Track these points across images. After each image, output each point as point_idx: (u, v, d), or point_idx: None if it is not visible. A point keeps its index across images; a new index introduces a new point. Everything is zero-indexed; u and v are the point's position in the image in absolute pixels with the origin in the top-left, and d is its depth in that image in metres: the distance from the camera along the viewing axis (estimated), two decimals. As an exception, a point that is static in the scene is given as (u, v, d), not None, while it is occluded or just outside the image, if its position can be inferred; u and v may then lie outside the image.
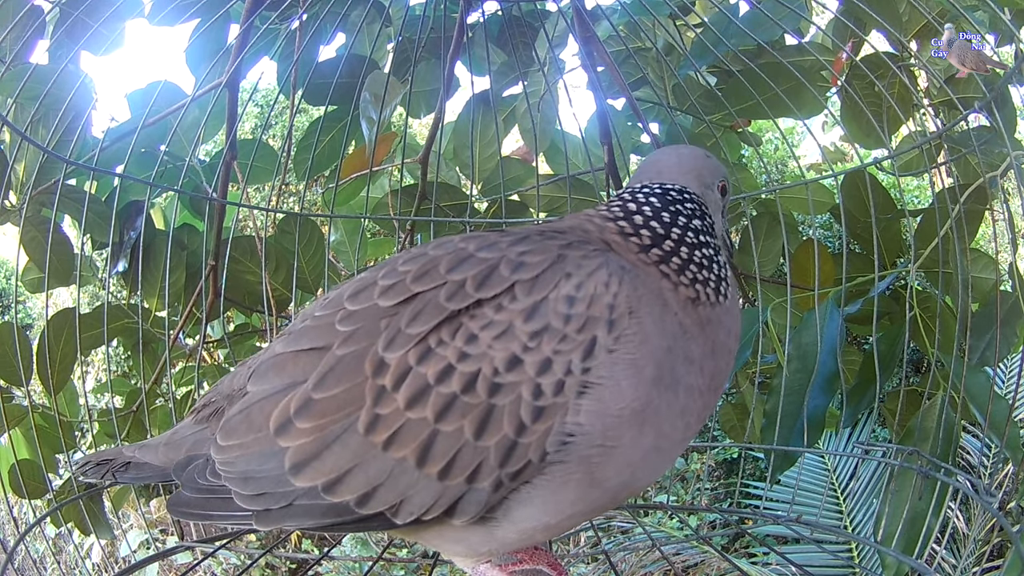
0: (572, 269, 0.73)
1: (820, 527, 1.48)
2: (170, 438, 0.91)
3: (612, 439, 0.71)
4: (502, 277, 0.74)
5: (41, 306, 2.25)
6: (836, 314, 1.42)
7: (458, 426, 0.71)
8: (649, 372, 0.71)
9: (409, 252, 0.82)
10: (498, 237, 0.79)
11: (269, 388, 0.79)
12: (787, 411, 1.41)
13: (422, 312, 0.74)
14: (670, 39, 1.78)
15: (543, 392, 0.70)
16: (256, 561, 1.83)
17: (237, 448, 0.79)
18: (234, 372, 0.91)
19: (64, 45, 1.53)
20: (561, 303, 0.71)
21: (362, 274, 0.84)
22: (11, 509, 1.70)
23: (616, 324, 0.71)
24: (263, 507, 0.77)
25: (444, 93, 1.75)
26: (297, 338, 0.80)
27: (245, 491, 0.78)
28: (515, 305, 0.72)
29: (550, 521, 0.75)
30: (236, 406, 0.82)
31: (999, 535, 3.34)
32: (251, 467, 0.78)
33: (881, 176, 1.80)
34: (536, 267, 0.74)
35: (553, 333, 0.71)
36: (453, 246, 0.79)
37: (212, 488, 0.80)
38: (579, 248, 0.76)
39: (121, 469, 0.92)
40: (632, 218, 0.83)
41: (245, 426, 0.79)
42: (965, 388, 1.31)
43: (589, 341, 0.70)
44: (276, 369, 0.80)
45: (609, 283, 0.72)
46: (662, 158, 0.95)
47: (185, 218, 1.89)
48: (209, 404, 0.90)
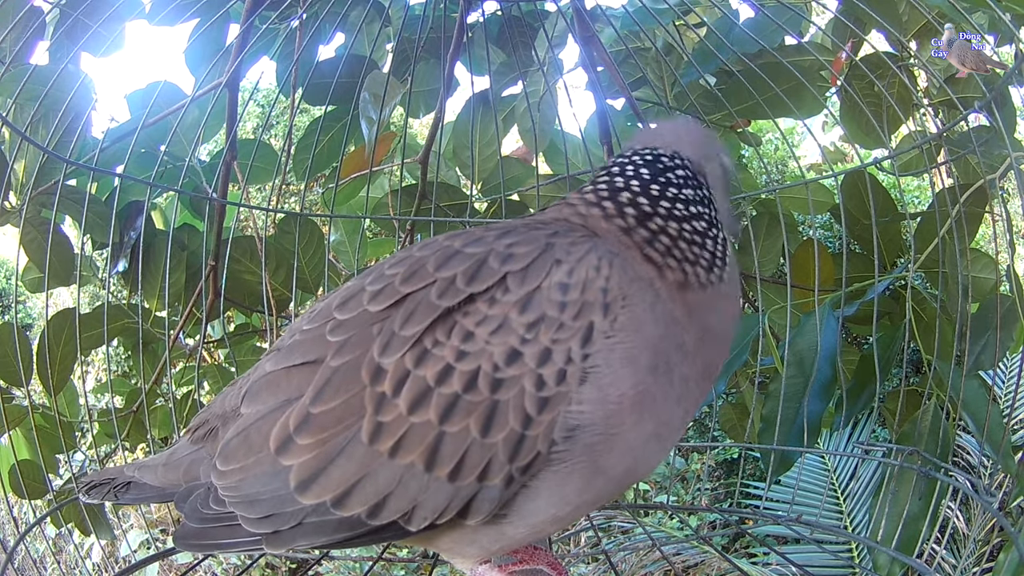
0: (562, 256, 0.73)
1: (820, 527, 1.48)
2: (168, 459, 0.89)
3: (614, 426, 0.70)
4: (492, 270, 0.73)
5: (41, 306, 2.26)
6: (833, 320, 1.42)
7: (464, 425, 0.70)
8: (644, 360, 0.71)
9: (394, 256, 0.81)
10: (483, 232, 0.78)
11: (264, 408, 0.77)
12: (785, 416, 1.41)
13: (415, 313, 0.73)
14: (670, 39, 1.78)
15: (546, 383, 0.69)
16: (256, 561, 1.83)
17: (238, 472, 0.77)
18: (224, 393, 0.89)
19: (64, 46, 1.53)
20: (555, 291, 0.71)
21: (348, 283, 0.82)
22: (11, 509, 1.70)
23: (611, 308, 0.71)
24: (272, 529, 0.76)
25: (444, 93, 1.75)
26: (287, 354, 0.79)
27: (252, 515, 0.76)
28: (508, 297, 0.71)
29: (558, 513, 0.75)
30: (232, 429, 0.80)
31: (999, 535, 3.34)
32: (255, 489, 0.76)
33: (881, 176, 1.80)
34: (525, 257, 0.73)
35: (550, 322, 0.70)
36: (439, 245, 0.78)
37: (217, 516, 0.79)
38: (566, 235, 0.75)
39: (122, 489, 0.91)
40: (618, 196, 0.81)
41: (244, 449, 0.77)
42: (961, 397, 1.31)
43: (586, 327, 0.70)
44: (269, 388, 0.78)
45: (600, 267, 0.72)
46: (657, 127, 0.92)
47: (185, 218, 1.89)
48: (203, 424, 0.88)
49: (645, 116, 1.79)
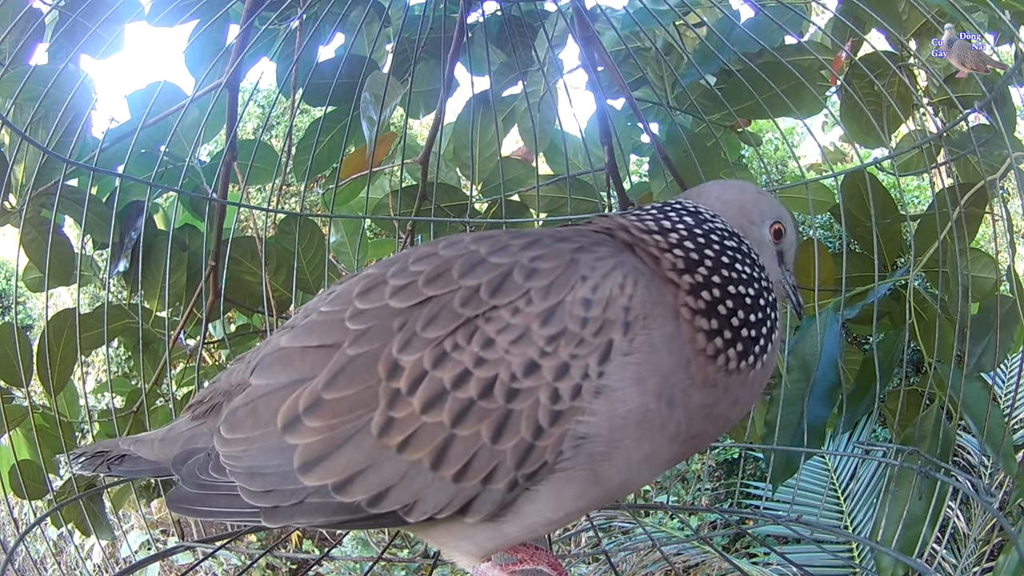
0: (587, 272, 0.73)
1: (820, 527, 1.48)
2: (166, 434, 0.90)
3: (617, 440, 0.71)
4: (516, 284, 0.73)
5: (41, 306, 2.25)
6: (836, 325, 1.42)
7: (475, 430, 0.71)
8: (652, 384, 0.71)
9: (419, 250, 0.80)
10: (509, 239, 0.78)
11: (275, 382, 0.78)
12: (787, 421, 1.41)
13: (437, 317, 0.73)
14: (670, 39, 1.78)
15: (561, 396, 0.70)
16: (256, 561, 1.84)
17: (243, 442, 0.78)
18: (231, 369, 0.89)
19: (63, 48, 1.53)
20: (577, 306, 0.71)
21: (370, 270, 0.82)
22: (11, 510, 1.70)
23: (632, 326, 0.71)
24: (272, 504, 0.76)
25: (444, 93, 1.75)
26: (304, 333, 0.79)
27: (253, 487, 0.77)
28: (531, 308, 0.72)
29: (553, 517, 0.76)
30: (240, 398, 0.80)
31: (999, 535, 3.34)
32: (258, 462, 0.77)
33: (881, 176, 1.80)
34: (550, 273, 0.73)
35: (570, 337, 0.70)
36: (464, 247, 0.77)
37: (216, 484, 0.79)
38: (591, 251, 0.75)
39: (116, 461, 0.91)
40: (668, 235, 0.79)
41: (251, 420, 0.78)
42: (962, 398, 1.31)
43: (606, 344, 0.70)
44: (282, 363, 0.78)
45: (624, 284, 0.72)
46: (704, 187, 0.90)
47: (186, 218, 1.89)
48: (205, 401, 0.88)
49: (645, 116, 1.79)
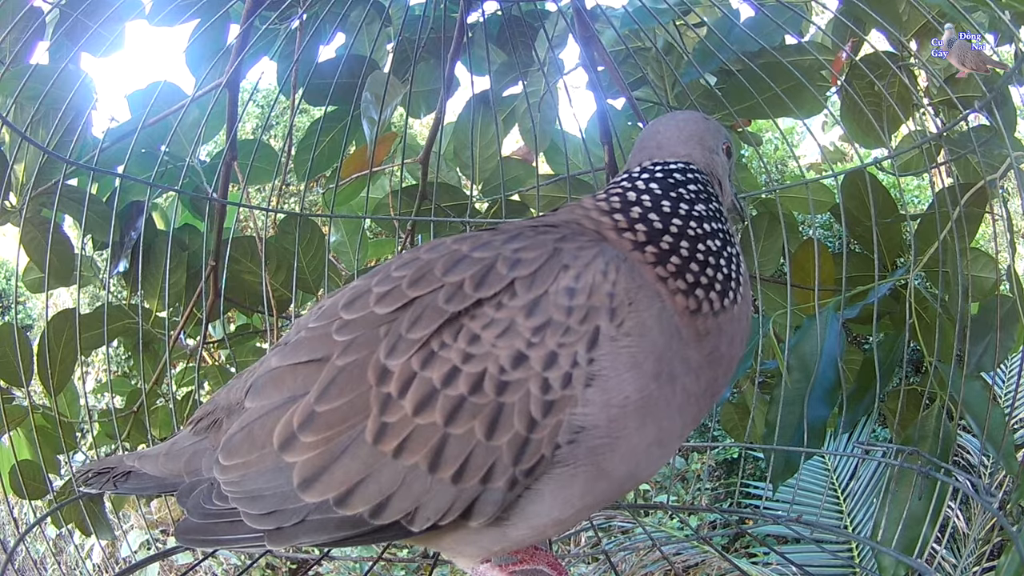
0: (569, 261, 0.73)
1: (820, 527, 1.48)
2: (169, 449, 0.90)
3: (617, 430, 0.71)
4: (500, 275, 0.73)
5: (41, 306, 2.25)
6: (836, 324, 1.42)
7: (469, 428, 0.71)
8: (649, 366, 0.71)
9: (401, 257, 0.81)
10: (491, 236, 0.78)
11: (268, 404, 0.78)
12: (787, 421, 1.41)
13: (422, 316, 0.73)
14: (670, 39, 1.78)
15: (551, 386, 0.70)
16: (256, 561, 1.84)
17: (241, 467, 0.78)
18: (230, 385, 0.89)
19: (64, 46, 1.53)
20: (561, 295, 0.71)
21: (354, 283, 0.82)
22: (11, 510, 1.70)
23: (617, 312, 0.71)
24: (275, 525, 0.76)
25: (444, 93, 1.75)
26: (293, 351, 0.79)
27: (254, 511, 0.77)
28: (515, 302, 0.72)
29: (560, 516, 0.75)
30: (235, 423, 0.80)
31: (999, 535, 3.34)
32: (258, 485, 0.77)
33: (881, 176, 1.80)
34: (533, 263, 0.73)
35: (556, 326, 0.70)
36: (446, 248, 0.78)
37: (220, 512, 0.79)
38: (573, 240, 0.76)
39: (121, 479, 0.91)
40: (629, 211, 0.80)
41: (248, 444, 0.78)
42: (962, 398, 1.31)
43: (592, 331, 0.70)
44: (274, 383, 0.78)
45: (607, 271, 0.72)
46: (661, 129, 0.91)
47: (186, 218, 1.89)
48: (206, 416, 0.89)
49: (645, 116, 1.79)
